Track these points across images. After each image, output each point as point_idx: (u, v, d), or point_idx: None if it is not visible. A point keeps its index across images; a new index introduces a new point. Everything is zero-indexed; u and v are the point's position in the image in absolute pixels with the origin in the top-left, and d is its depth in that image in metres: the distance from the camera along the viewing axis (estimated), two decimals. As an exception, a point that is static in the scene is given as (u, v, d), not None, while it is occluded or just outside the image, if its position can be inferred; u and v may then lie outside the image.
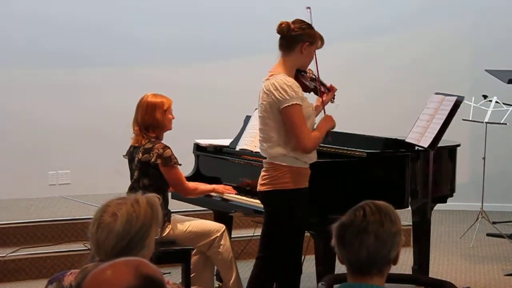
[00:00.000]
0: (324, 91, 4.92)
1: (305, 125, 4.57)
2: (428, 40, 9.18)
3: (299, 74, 4.77)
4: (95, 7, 8.31)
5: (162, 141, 5.26)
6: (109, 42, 8.36)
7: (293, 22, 4.68)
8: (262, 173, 4.71)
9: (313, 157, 4.71)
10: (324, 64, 4.94)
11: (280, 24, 4.67)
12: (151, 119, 5.22)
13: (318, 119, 4.90)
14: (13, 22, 8.06)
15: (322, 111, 4.94)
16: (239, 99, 8.06)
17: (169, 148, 5.20)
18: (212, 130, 7.43)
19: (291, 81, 4.60)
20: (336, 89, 4.97)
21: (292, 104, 4.52)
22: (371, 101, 9.07)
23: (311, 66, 4.85)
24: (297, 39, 4.64)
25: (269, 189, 4.65)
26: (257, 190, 4.77)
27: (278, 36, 4.69)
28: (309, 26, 4.69)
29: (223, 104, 8.57)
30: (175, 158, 5.19)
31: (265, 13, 8.37)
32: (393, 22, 9.17)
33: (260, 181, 4.72)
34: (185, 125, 8.00)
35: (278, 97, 4.54)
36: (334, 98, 4.97)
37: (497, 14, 9.12)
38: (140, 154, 5.20)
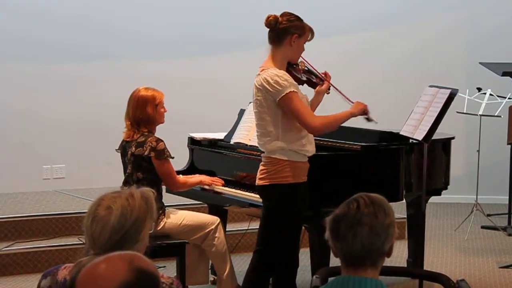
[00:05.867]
0: (318, 82, 4.92)
1: (305, 107, 4.57)
2: (422, 32, 9.18)
3: (291, 67, 4.76)
4: (93, 1, 8.29)
5: (154, 135, 5.25)
6: (105, 37, 8.34)
7: (281, 15, 4.67)
8: (261, 167, 4.71)
9: (311, 150, 4.71)
10: (319, 57, 4.93)
11: (268, 17, 4.67)
12: (142, 114, 5.20)
13: (324, 110, 4.91)
14: (9, 15, 8.04)
15: (322, 100, 4.97)
16: (233, 93, 8.07)
17: (162, 141, 5.20)
18: (207, 123, 7.43)
19: (281, 72, 4.60)
20: (331, 77, 4.97)
21: (287, 92, 4.52)
22: (365, 94, 8.96)
23: (301, 58, 4.85)
24: (286, 32, 4.63)
25: (268, 183, 4.65)
26: (256, 184, 4.77)
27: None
28: (298, 18, 4.68)
29: (218, 98, 8.57)
30: (168, 151, 5.19)
31: (259, 6, 8.36)
32: (387, 15, 9.16)
33: (258, 175, 4.71)
34: (180, 118, 8.01)
35: (272, 90, 4.54)
36: (329, 89, 4.98)
37: (491, 6, 9.12)
38: (133, 148, 5.19)
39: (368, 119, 4.90)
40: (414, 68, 9.15)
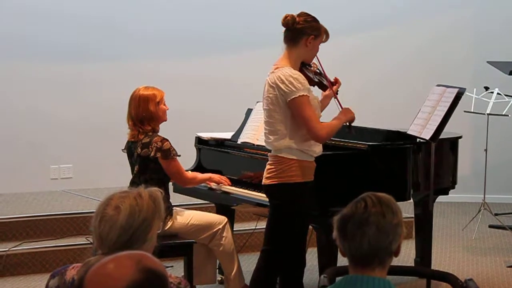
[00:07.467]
0: (328, 85, 4.92)
1: (314, 114, 4.58)
2: (429, 31, 9.16)
3: (304, 67, 4.76)
4: (99, 1, 8.29)
5: (159, 134, 5.26)
6: (112, 36, 8.34)
7: (298, 15, 4.68)
8: (268, 166, 4.71)
9: (319, 151, 4.71)
10: (325, 56, 4.93)
11: (285, 17, 4.67)
12: (145, 111, 5.21)
13: (325, 113, 4.91)
14: (15, 16, 8.05)
15: (329, 104, 4.97)
16: (240, 92, 8.07)
17: (167, 140, 5.20)
18: (214, 123, 7.43)
19: (297, 73, 4.60)
20: (341, 83, 4.99)
21: (299, 95, 4.52)
22: (372, 93, 9.06)
23: (315, 60, 4.85)
24: (302, 32, 4.64)
25: (275, 182, 4.65)
26: (262, 183, 4.77)
27: (282, 29, 4.69)
28: (314, 19, 4.69)
29: (225, 97, 8.56)
30: (174, 149, 5.20)
31: (269, 6, 8.36)
32: (394, 13, 9.15)
33: (265, 174, 4.71)
34: (187, 118, 8.04)
35: (285, 89, 4.54)
36: (337, 93, 4.98)
37: (498, 4, 9.10)
38: (139, 149, 5.20)
39: (350, 128, 4.88)
40: (420, 67, 9.13)
